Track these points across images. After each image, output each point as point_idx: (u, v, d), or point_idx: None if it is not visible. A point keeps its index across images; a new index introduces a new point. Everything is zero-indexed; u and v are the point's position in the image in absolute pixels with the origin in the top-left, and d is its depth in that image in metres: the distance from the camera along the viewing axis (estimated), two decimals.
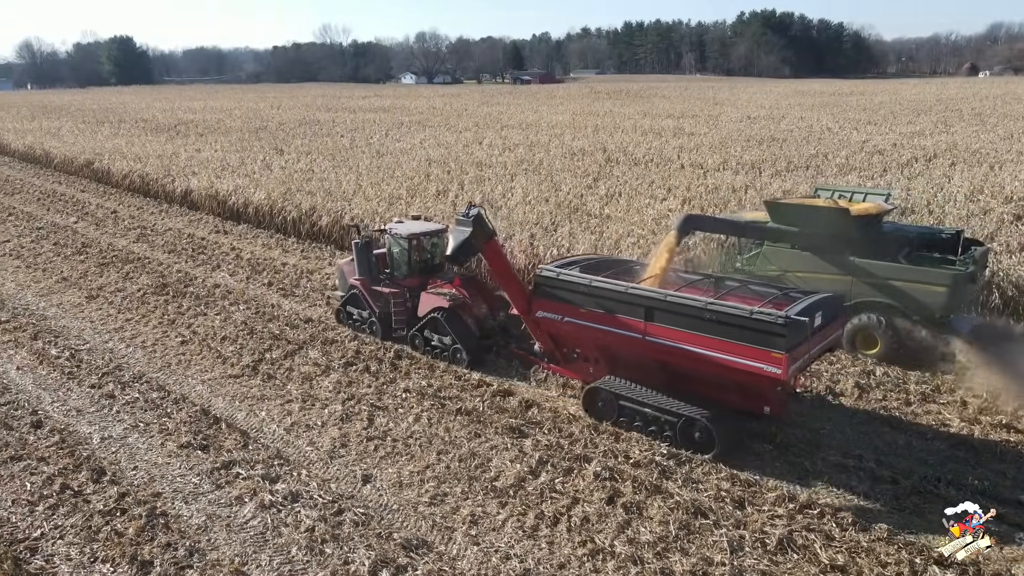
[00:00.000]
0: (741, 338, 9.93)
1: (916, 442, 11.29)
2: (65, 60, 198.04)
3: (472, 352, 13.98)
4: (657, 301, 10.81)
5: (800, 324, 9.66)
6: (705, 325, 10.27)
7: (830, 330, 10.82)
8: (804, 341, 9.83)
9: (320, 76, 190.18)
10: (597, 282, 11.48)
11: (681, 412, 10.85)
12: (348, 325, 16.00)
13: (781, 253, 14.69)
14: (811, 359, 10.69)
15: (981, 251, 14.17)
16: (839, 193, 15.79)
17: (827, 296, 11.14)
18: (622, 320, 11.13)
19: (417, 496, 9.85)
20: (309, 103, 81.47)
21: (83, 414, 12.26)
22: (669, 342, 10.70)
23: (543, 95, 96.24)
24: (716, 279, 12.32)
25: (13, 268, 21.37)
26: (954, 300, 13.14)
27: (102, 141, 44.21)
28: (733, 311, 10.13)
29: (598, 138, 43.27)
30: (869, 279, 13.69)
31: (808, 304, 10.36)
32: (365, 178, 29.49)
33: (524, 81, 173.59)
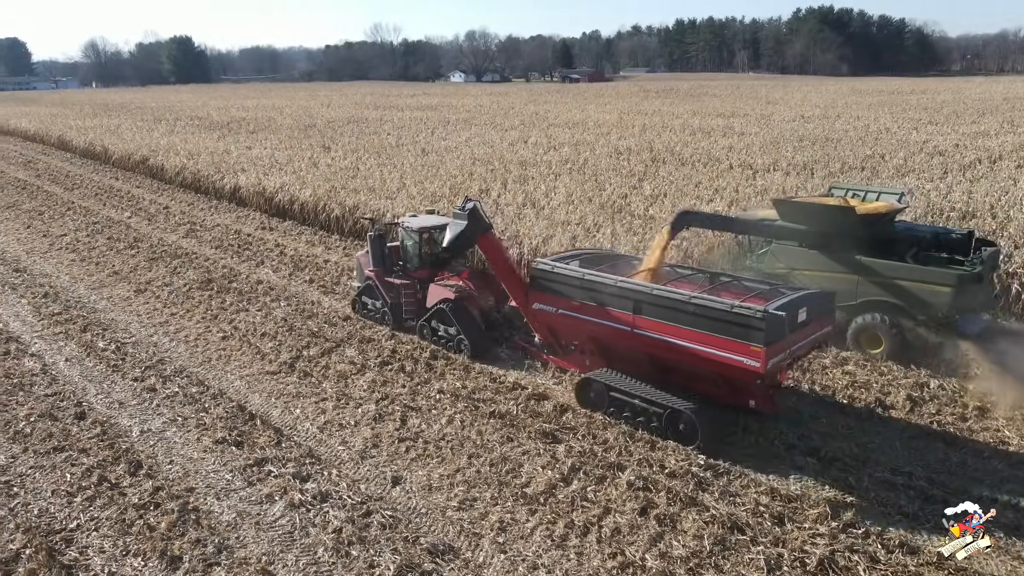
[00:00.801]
0: (722, 332, 10.16)
1: (971, 460, 10.71)
2: (128, 60, 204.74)
3: (475, 343, 14.28)
4: (644, 294, 11.05)
5: (778, 319, 9.80)
6: (689, 319, 10.51)
7: (817, 326, 10.89)
8: (783, 336, 9.97)
9: (371, 75, 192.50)
10: (589, 275, 11.75)
11: (667, 404, 10.98)
12: (363, 315, 16.53)
13: (789, 251, 14.70)
14: (796, 354, 10.81)
15: (990, 252, 13.84)
16: (853, 192, 15.55)
17: (815, 292, 11.30)
18: (612, 313, 11.41)
19: (446, 500, 9.73)
20: (358, 101, 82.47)
21: (125, 407, 12.50)
22: (656, 335, 10.96)
23: (591, 93, 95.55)
24: (711, 275, 12.35)
25: (68, 261, 22.03)
26: (959, 300, 12.92)
27: (157, 138, 45.43)
28: (714, 305, 10.32)
29: (645, 137, 42.67)
30: (875, 278, 13.61)
31: (791, 300, 10.51)
32: (409, 176, 29.59)
33: (573, 79, 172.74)
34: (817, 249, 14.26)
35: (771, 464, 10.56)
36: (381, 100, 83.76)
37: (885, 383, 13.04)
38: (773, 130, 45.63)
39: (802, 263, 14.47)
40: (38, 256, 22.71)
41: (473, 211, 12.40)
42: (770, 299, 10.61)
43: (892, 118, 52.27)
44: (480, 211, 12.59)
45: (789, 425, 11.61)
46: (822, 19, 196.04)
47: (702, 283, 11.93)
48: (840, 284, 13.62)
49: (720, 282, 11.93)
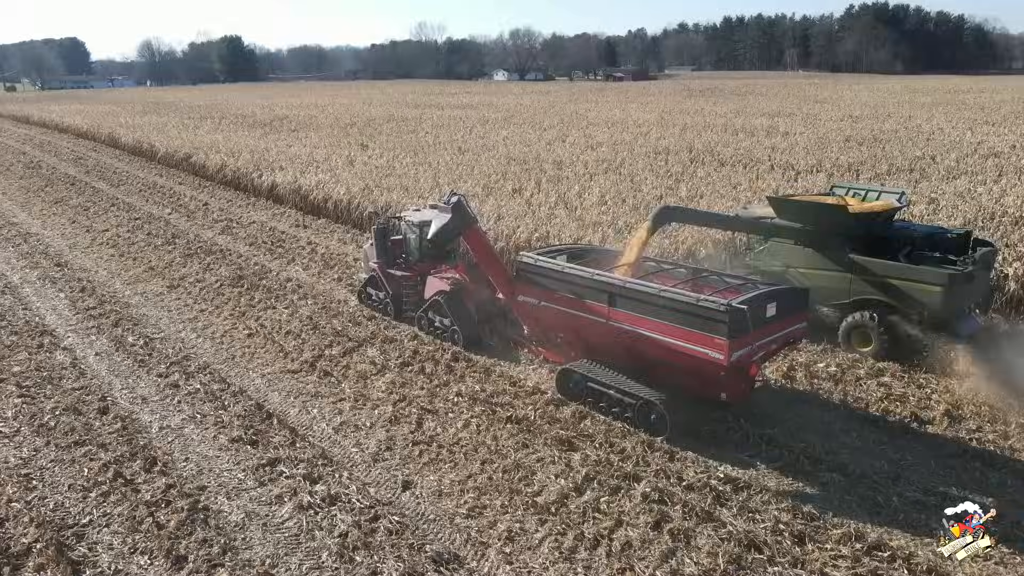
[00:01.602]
0: (689, 324, 10.41)
1: (1013, 480, 10.13)
2: (181, 59, 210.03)
3: (468, 334, 14.71)
4: (617, 287, 11.34)
5: (740, 312, 9.98)
6: (658, 311, 10.76)
7: (788, 322, 11.04)
8: (747, 329, 10.12)
9: (415, 73, 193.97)
10: (568, 268, 12.15)
11: (639, 395, 11.21)
12: (368, 305, 17.13)
13: (785, 249, 14.80)
14: (764, 349, 10.90)
15: (983, 252, 13.71)
16: (854, 191, 15.48)
17: (786, 288, 11.61)
18: (589, 305, 11.70)
19: (455, 507, 9.56)
20: (399, 99, 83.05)
21: (147, 402, 12.64)
22: (628, 327, 11.24)
23: (633, 92, 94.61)
24: (693, 270, 12.57)
25: (108, 256, 22.52)
26: (950, 300, 12.90)
27: (202, 136, 46.37)
28: (681, 298, 10.59)
29: (685, 137, 41.97)
30: (868, 277, 13.64)
31: (758, 295, 10.72)
32: (443, 175, 29.57)
33: (616, 78, 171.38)
34: (812, 247, 14.33)
35: (795, 479, 10.14)
36: (422, 98, 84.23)
37: (923, 396, 12.45)
38: (819, 130, 44.45)
39: (797, 261, 14.57)
40: (80, 251, 23.28)
41: (457, 204, 12.69)
42: (740, 294, 10.80)
43: (946, 118, 50.47)
44: (464, 204, 12.90)
45: (817, 439, 11.17)
46: (876, 16, 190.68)
47: (683, 277, 12.12)
48: (834, 282, 13.92)
49: (700, 277, 12.14)
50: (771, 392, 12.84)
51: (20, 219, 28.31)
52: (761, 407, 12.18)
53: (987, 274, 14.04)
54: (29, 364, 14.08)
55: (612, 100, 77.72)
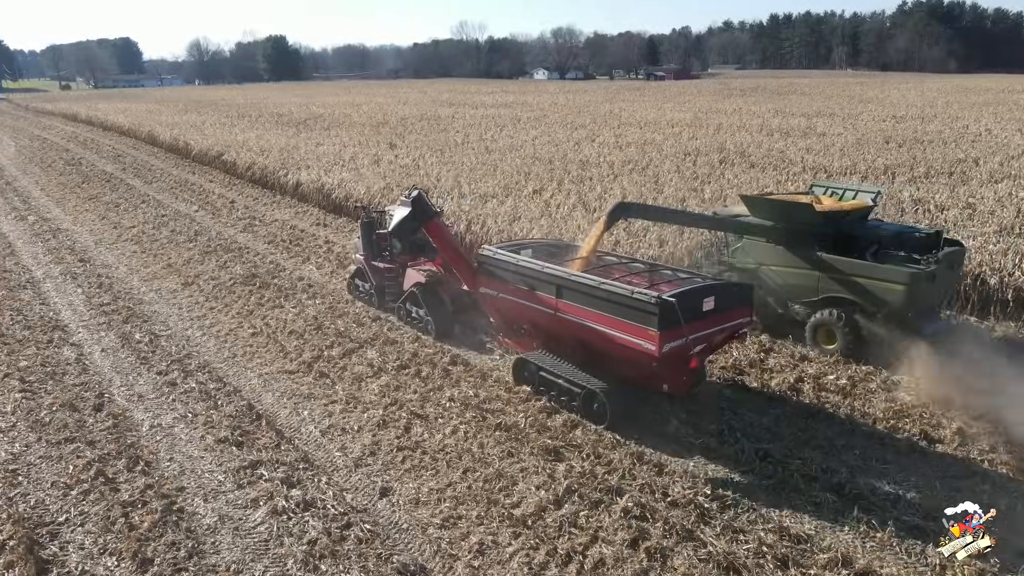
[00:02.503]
0: (625, 316, 10.77)
1: (1023, 506, 9.52)
2: (228, 59, 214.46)
3: (440, 325, 15.30)
4: (563, 279, 11.74)
5: (670, 305, 10.27)
6: (599, 303, 11.14)
7: (729, 317, 11.27)
8: (678, 322, 10.36)
9: (455, 72, 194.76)
10: (521, 261, 12.58)
11: (583, 384, 11.61)
12: (355, 296, 17.89)
13: (757, 247, 15.06)
14: (703, 342, 11.09)
15: (948, 252, 13.69)
16: (831, 190, 15.63)
17: (728, 284, 12.06)
18: (540, 297, 12.12)
19: (430, 516, 9.36)
20: (435, 98, 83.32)
21: (143, 400, 12.73)
22: (573, 318, 11.63)
23: (672, 92, 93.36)
24: (650, 265, 12.95)
25: (130, 253, 22.92)
26: (912, 299, 13.01)
27: (236, 134, 47.09)
28: (618, 290, 10.95)
29: (718, 138, 41.16)
30: (834, 275, 13.80)
31: (693, 288, 11.12)
32: (466, 175, 29.45)
33: (658, 77, 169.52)
34: (783, 245, 14.55)
35: (786, 498, 9.70)
36: (458, 97, 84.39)
37: (936, 413, 11.83)
38: (859, 131, 43.16)
39: (769, 259, 14.84)
40: (104, 247, 23.74)
41: (417, 199, 13.45)
42: (678, 287, 11.14)
43: (995, 119, 48.54)
44: (424, 199, 13.66)
45: (817, 455, 10.69)
46: (930, 12, 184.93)
47: (637, 271, 12.47)
48: (803, 280, 14.23)
49: (654, 271, 12.52)
50: (772, 404, 12.36)
51: (53, 215, 29.06)
52: (761, 420, 11.75)
53: (953, 274, 14.02)
54: (36, 359, 14.32)
55: (649, 99, 76.78)
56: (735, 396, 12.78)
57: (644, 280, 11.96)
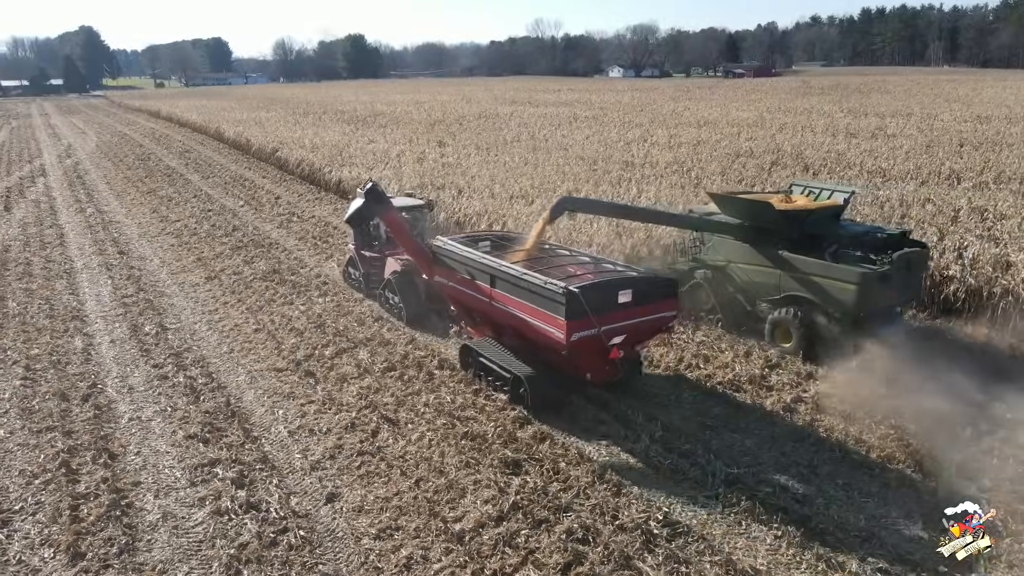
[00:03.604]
0: (542, 305, 11.29)
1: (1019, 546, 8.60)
2: (310, 57, 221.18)
3: (412, 312, 16.12)
4: (495, 270, 12.30)
5: (575, 296, 10.70)
6: (522, 292, 11.69)
7: (650, 310, 11.70)
8: (584, 312, 10.77)
9: (529, 69, 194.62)
10: (464, 252, 13.17)
11: (510, 370, 12.10)
12: (349, 283, 18.87)
13: (726, 244, 15.23)
14: (621, 333, 11.42)
15: (904, 253, 13.46)
16: (809, 189, 15.63)
17: (648, 277, 12.29)
18: (479, 286, 12.71)
19: (368, 525, 9.19)
20: (499, 96, 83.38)
21: (132, 392, 13.05)
22: (503, 306, 12.23)
23: (746, 89, 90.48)
24: (595, 259, 13.32)
25: (167, 246, 23.74)
26: (864, 299, 12.99)
27: (296, 131, 48.29)
28: (535, 281, 11.43)
29: (778, 139, 39.56)
30: (794, 273, 13.90)
31: (606, 281, 11.59)
32: (505, 174, 29.23)
33: (736, 74, 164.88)
34: (748, 243, 14.72)
35: (745, 529, 9.06)
36: (523, 95, 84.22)
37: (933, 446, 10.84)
38: (934, 133, 40.63)
39: (735, 256, 15.06)
40: (146, 240, 24.68)
41: (371, 190, 14.05)
42: (593, 280, 11.58)
43: None
44: (379, 190, 14.24)
45: (793, 482, 9.99)
46: None
47: (578, 264, 12.86)
48: (766, 278, 14.45)
49: (595, 263, 12.93)
50: (762, 424, 11.63)
51: (111, 207, 30.47)
52: (743, 442, 11.07)
53: (911, 275, 13.82)
54: (47, 347, 14.93)
55: (718, 98, 74.63)
56: (724, 413, 12.13)
57: (574, 272, 12.23)
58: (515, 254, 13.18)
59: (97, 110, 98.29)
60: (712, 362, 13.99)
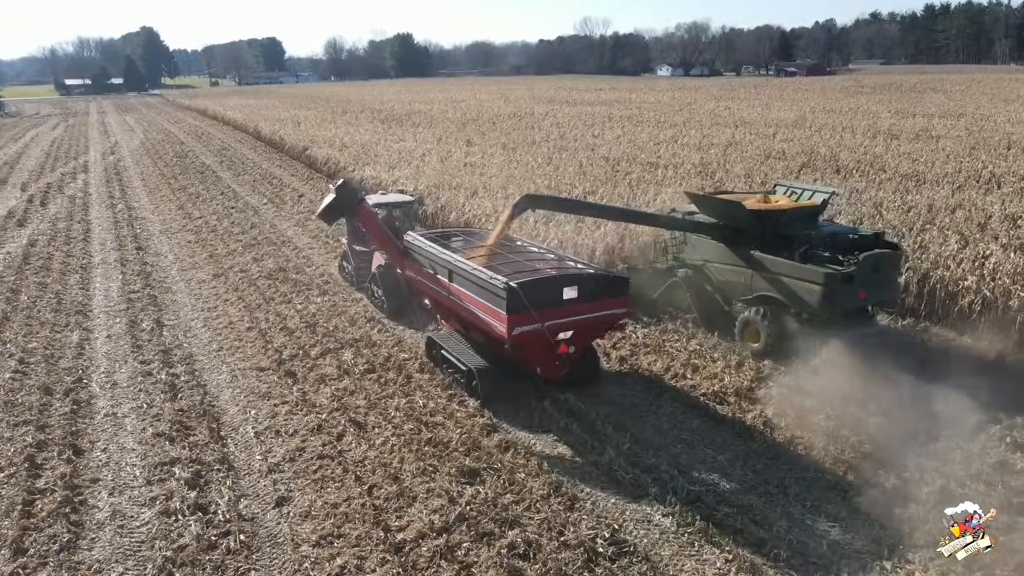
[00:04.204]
0: (488, 300, 11.57)
1: None
2: (361, 56, 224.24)
3: (392, 305, 16.58)
4: (452, 264, 12.70)
5: (515, 291, 10.96)
6: (472, 286, 12.00)
7: (597, 307, 11.85)
8: (524, 308, 10.99)
9: (577, 68, 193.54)
10: (428, 247, 13.58)
11: (464, 362, 12.46)
12: (343, 276, 19.41)
13: (703, 244, 15.27)
14: (569, 328, 11.60)
15: (872, 254, 13.17)
16: (791, 189, 15.57)
17: (598, 275, 12.40)
18: (440, 280, 13.12)
19: (311, 532, 9.08)
20: (539, 95, 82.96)
21: (115, 388, 13.24)
22: (457, 299, 12.61)
23: (793, 88, 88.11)
24: (559, 256, 13.62)
25: (184, 243, 24.19)
26: (829, 300, 12.87)
27: (329, 129, 48.81)
28: (482, 275, 11.77)
29: (814, 140, 38.34)
30: (765, 273, 13.88)
31: (547, 277, 11.79)
32: (524, 174, 28.96)
33: (788, 73, 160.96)
34: (723, 243, 14.70)
35: (697, 551, 8.67)
36: (563, 94, 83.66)
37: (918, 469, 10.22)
38: (982, 135, 38.80)
39: (712, 256, 15.08)
40: (166, 236, 25.21)
41: (341, 186, 14.74)
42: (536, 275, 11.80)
43: None
44: (348, 186, 14.98)
45: (760, 503, 9.53)
46: None
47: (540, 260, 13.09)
48: (739, 278, 14.46)
49: (558, 261, 13.14)
50: (739, 439, 11.15)
51: (141, 204, 31.25)
52: (716, 458, 10.63)
53: (880, 277, 13.43)
54: (44, 341, 15.29)
55: (762, 97, 72.83)
56: (702, 426, 11.71)
57: (526, 268, 12.41)
58: (479, 249, 13.44)
59: (151, 108, 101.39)
60: (700, 372, 13.50)
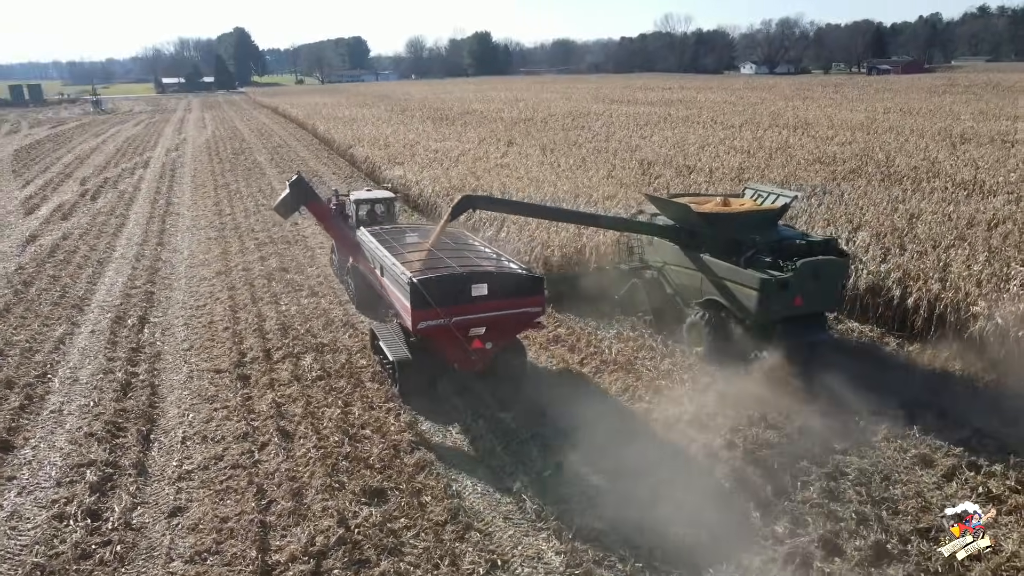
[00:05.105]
0: (401, 293, 12.08)
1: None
2: (440, 55, 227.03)
3: (360, 297, 16.94)
4: (381, 259, 13.32)
5: (416, 287, 11.38)
6: (392, 281, 12.56)
7: (509, 304, 12.02)
8: (427, 302, 11.37)
9: (657, 66, 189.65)
10: (368, 243, 14.31)
11: (387, 354, 12.75)
12: (333, 268, 20.05)
13: (663, 246, 15.22)
14: (479, 325, 11.87)
15: (810, 261, 12.96)
16: (758, 192, 15.39)
17: (511, 273, 12.54)
18: (376, 273, 13.91)
19: (191, 546, 8.91)
20: (603, 94, 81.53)
21: (75, 384, 13.50)
22: (386, 293, 13.29)
23: (876, 88, 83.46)
24: (497, 254, 13.87)
25: (204, 239, 24.75)
26: (765, 306, 12.78)
27: (379, 128, 49.28)
28: (395, 270, 12.27)
29: (875, 143, 36.04)
30: (712, 277, 13.85)
31: (452, 273, 12.02)
32: (553, 176, 28.33)
33: (880, 71, 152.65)
34: (679, 245, 14.62)
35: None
36: (628, 93, 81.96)
37: None
38: None
39: (670, 258, 15.08)
40: (190, 232, 25.89)
41: (295, 182, 15.52)
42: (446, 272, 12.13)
43: None
44: (303, 183, 15.76)
45: (656, 542, 8.72)
46: None
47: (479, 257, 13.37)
48: (691, 280, 14.45)
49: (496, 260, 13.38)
50: (674, 471, 10.30)
51: (181, 200, 32.29)
52: (633, 489, 9.84)
53: (821, 284, 13.13)
54: (30, 334, 15.80)
55: (838, 97, 69.25)
56: (640, 458, 10.81)
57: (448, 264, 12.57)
58: (420, 245, 13.89)
59: (232, 105, 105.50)
60: (663, 394, 12.66)
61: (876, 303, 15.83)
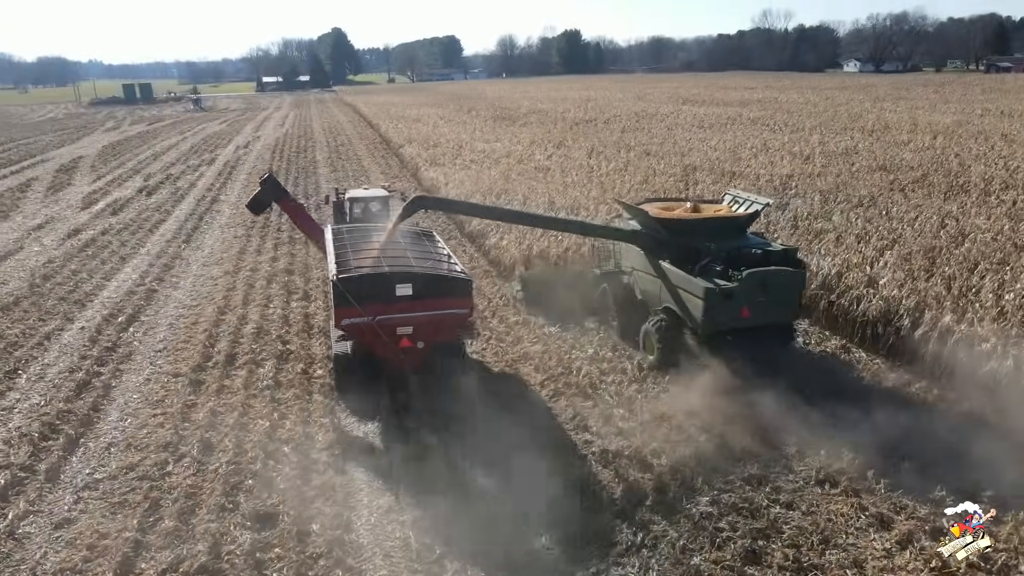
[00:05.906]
0: (334, 291, 11.97)
1: None
2: (530, 53, 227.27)
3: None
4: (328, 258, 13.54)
5: (337, 286, 11.65)
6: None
7: (437, 305, 12.01)
8: (348, 301, 11.52)
9: (754, 64, 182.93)
10: (331, 240, 14.17)
11: (334, 350, 12.91)
12: None
13: (632, 251, 14.99)
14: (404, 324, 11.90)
15: (759, 271, 12.41)
16: (736, 198, 15.02)
17: (435, 274, 12.40)
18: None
19: (60, 562, 8.72)
20: (678, 94, 78.96)
21: (38, 382, 13.71)
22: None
23: (983, 88, 77.33)
24: (448, 256, 13.67)
25: (231, 237, 25.15)
26: (710, 315, 12.45)
27: (436, 128, 49.43)
28: (329, 267, 12.52)
29: (954, 148, 33.16)
30: (668, 284, 13.61)
31: (375, 273, 12.09)
32: (586, 180, 27.42)
33: (1001, 68, 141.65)
34: (643, 251, 14.37)
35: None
36: (706, 93, 79.09)
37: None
38: None
39: (636, 263, 14.83)
40: (220, 229, 26.40)
41: (267, 180, 16.06)
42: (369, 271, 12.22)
43: None
44: (274, 180, 16.27)
45: None
46: None
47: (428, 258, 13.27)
48: (652, 287, 14.22)
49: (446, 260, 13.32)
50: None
51: (227, 198, 33.06)
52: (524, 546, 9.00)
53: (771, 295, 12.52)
54: (23, 328, 16.33)
55: (934, 98, 64.40)
56: (572, 493, 9.96)
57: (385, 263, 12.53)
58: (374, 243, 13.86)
59: (320, 103, 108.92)
60: (612, 424, 11.67)
61: (886, 332, 14.23)
